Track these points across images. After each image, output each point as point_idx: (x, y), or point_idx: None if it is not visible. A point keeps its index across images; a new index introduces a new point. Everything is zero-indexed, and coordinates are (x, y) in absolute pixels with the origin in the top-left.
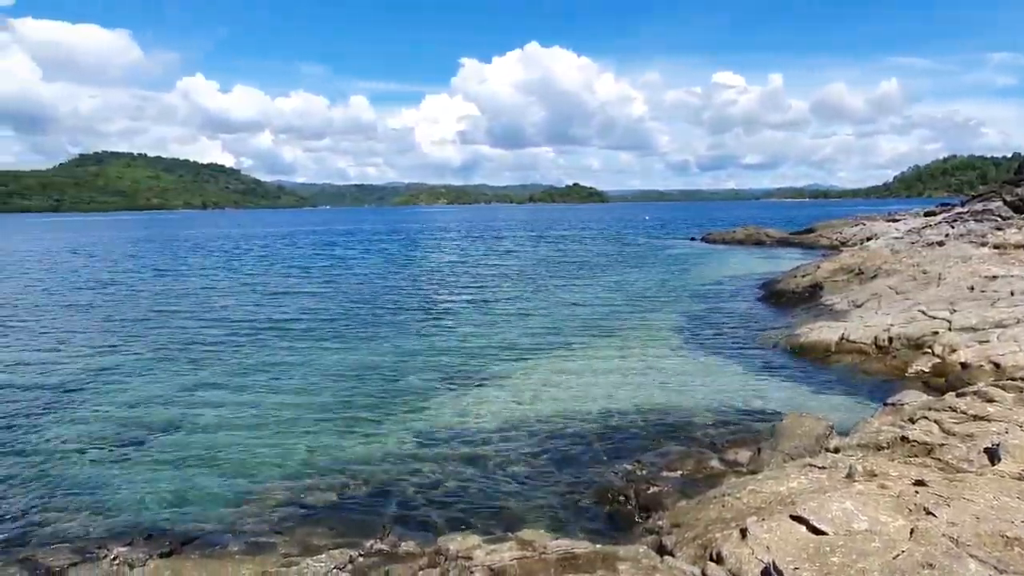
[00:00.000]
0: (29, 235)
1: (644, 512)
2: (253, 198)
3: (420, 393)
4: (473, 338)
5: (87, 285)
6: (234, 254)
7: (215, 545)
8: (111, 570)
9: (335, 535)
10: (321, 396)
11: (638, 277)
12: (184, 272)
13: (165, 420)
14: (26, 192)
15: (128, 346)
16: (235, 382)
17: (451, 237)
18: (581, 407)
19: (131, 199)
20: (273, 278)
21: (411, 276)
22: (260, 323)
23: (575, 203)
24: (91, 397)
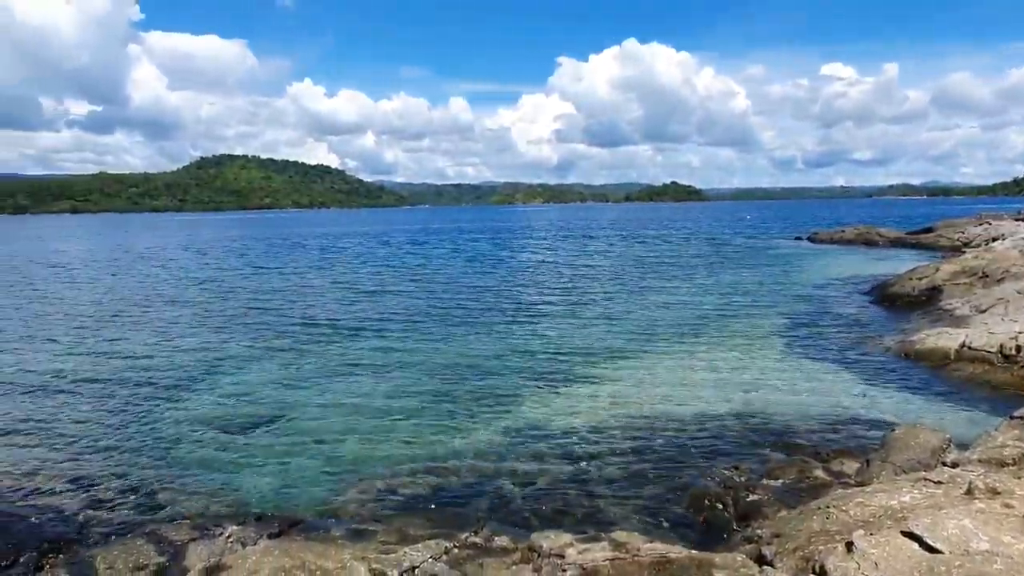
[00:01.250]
0: (157, 232)
1: (742, 520)
2: (356, 197)
3: (514, 390)
4: (566, 337)
5: (203, 281)
6: (336, 252)
7: (318, 529)
8: (226, 547)
9: (431, 526)
10: (417, 391)
11: (737, 278)
12: (291, 269)
13: (272, 409)
14: (154, 193)
15: (239, 339)
16: (336, 375)
17: (545, 236)
18: (676, 410)
19: (245, 199)
20: (372, 276)
21: (504, 275)
22: (360, 319)
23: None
24: (206, 386)
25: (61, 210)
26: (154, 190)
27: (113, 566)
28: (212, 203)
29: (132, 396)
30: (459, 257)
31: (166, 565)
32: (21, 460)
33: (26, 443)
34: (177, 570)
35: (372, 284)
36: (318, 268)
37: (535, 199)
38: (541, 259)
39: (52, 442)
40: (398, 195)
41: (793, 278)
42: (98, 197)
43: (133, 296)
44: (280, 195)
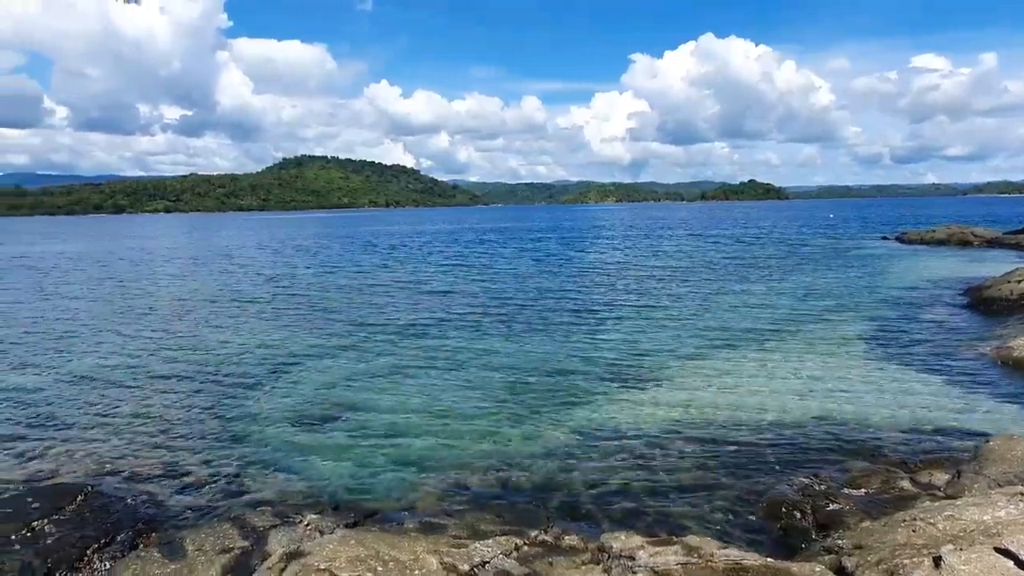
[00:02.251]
0: (242, 231)
1: (822, 530)
2: (431, 197)
3: (585, 390)
4: (637, 339)
5: (281, 278)
6: (408, 251)
7: (392, 521)
8: (304, 534)
9: (501, 522)
10: (487, 389)
11: (818, 280)
12: (365, 268)
13: (348, 403)
14: (240, 193)
15: (316, 335)
16: (408, 372)
17: (615, 236)
18: (752, 414)
19: (324, 198)
20: (442, 275)
21: (573, 275)
22: (430, 318)
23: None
24: (285, 380)
25: (155, 210)
26: (240, 190)
27: (201, 548)
28: (293, 203)
29: (217, 388)
30: (528, 256)
31: (249, 549)
32: (117, 446)
33: (121, 430)
34: (259, 554)
35: (442, 283)
36: (390, 267)
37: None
38: (610, 259)
39: (145, 430)
40: (471, 194)
41: (879, 280)
42: (189, 197)
43: (219, 292)
44: (358, 194)
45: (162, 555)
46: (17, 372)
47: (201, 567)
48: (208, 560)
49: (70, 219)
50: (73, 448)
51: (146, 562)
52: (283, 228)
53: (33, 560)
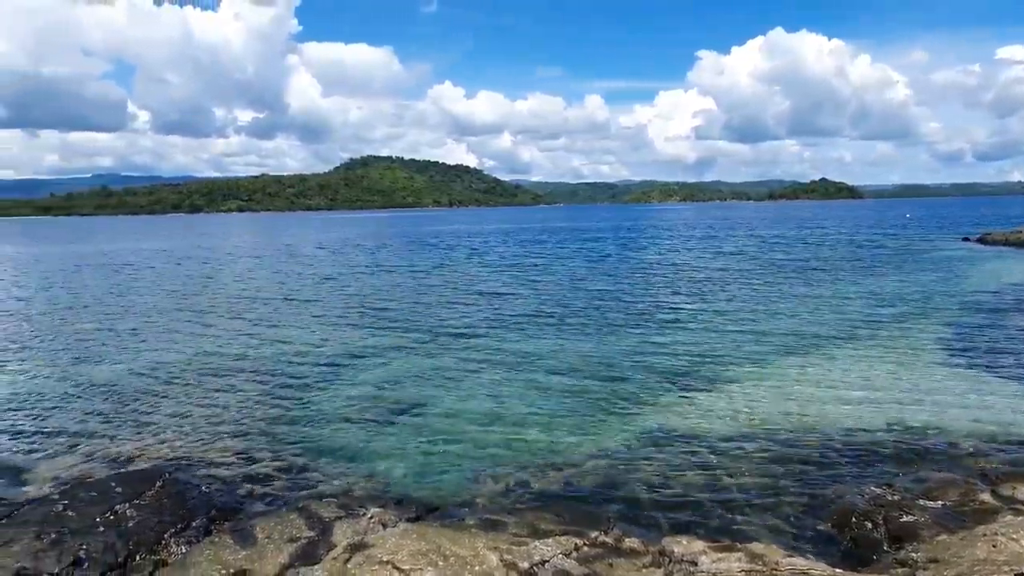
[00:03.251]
0: (313, 230)
1: (895, 542)
2: (493, 196)
3: (647, 392)
4: (701, 341)
5: (348, 275)
6: (475, 251)
7: (453, 517)
8: (368, 526)
9: (561, 522)
10: (551, 389)
11: (894, 283)
12: (431, 266)
13: (411, 400)
14: (308, 193)
15: (381, 333)
16: (471, 371)
17: (679, 235)
18: (821, 420)
19: (389, 198)
20: (503, 274)
21: (634, 275)
22: (495, 317)
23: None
24: (351, 375)
25: (229, 209)
26: (308, 190)
27: (270, 536)
28: (359, 202)
29: (285, 382)
30: (587, 257)
31: (315, 539)
32: (192, 436)
33: (195, 421)
34: (325, 545)
35: (502, 283)
36: (450, 266)
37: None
38: (671, 260)
39: (217, 421)
40: (533, 194)
41: (958, 284)
42: (260, 197)
43: (286, 290)
44: (422, 194)
45: (234, 542)
46: (100, 364)
47: (270, 555)
48: (277, 548)
49: (151, 218)
50: (151, 437)
51: (219, 548)
52: (349, 227)
53: (116, 542)
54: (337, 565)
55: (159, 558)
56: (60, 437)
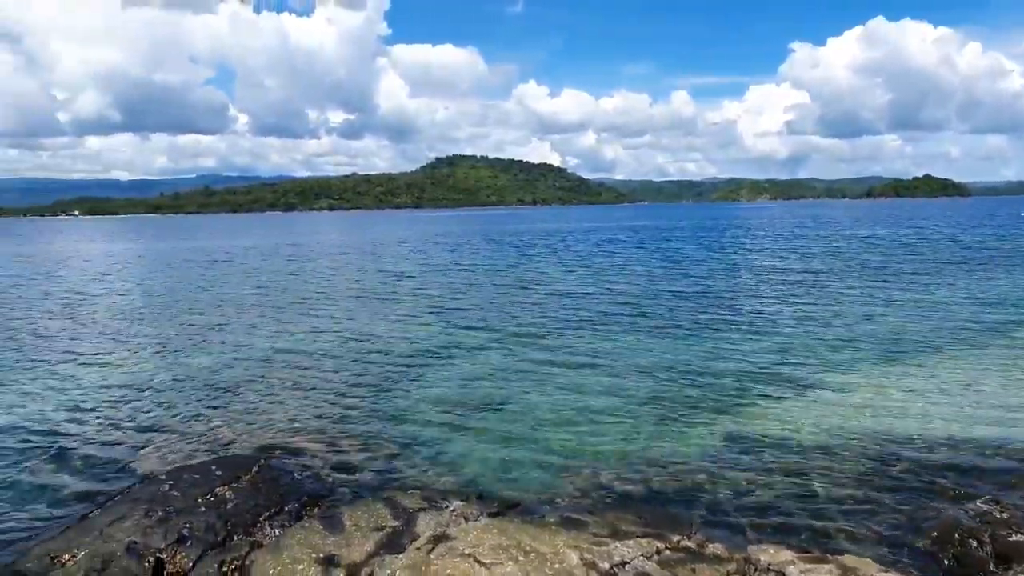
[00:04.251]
0: (400, 227)
1: (1002, 561)
2: (576, 195)
3: (734, 396)
4: (791, 344)
5: (434, 273)
6: (557, 248)
7: (534, 514)
8: (450, 519)
9: (643, 524)
10: (634, 388)
11: (1004, 286)
12: (513, 264)
13: (495, 396)
14: (396, 191)
15: (462, 329)
16: (553, 369)
17: (768, 235)
18: (920, 431)
19: (473, 196)
20: (587, 273)
21: (720, 275)
22: (577, 316)
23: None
24: (435, 371)
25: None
26: (395, 189)
27: (357, 524)
28: (445, 200)
29: (372, 376)
30: (671, 256)
31: (400, 529)
32: (285, 425)
33: (288, 411)
34: (409, 535)
35: (583, 282)
36: (533, 265)
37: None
38: (759, 261)
39: (309, 411)
40: (617, 192)
41: None
42: (351, 196)
43: (373, 285)
44: (506, 192)
45: (323, 528)
46: (201, 355)
47: (357, 542)
48: (364, 536)
49: (248, 216)
50: (247, 425)
51: (310, 532)
52: (434, 225)
53: (216, 522)
54: (420, 555)
55: (254, 539)
56: (166, 422)
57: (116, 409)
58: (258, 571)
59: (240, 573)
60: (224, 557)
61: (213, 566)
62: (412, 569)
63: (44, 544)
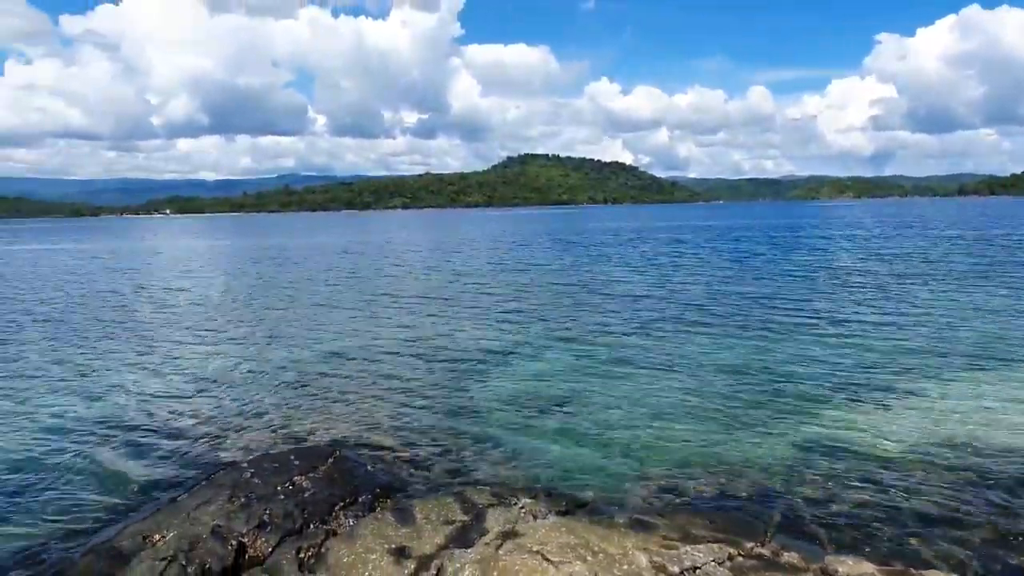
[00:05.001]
0: (471, 225)
1: None
2: (648, 193)
3: (813, 401)
4: (873, 348)
5: (503, 272)
6: (628, 247)
7: (602, 514)
8: (519, 516)
9: (714, 529)
10: (708, 391)
11: None
12: (584, 262)
13: (564, 394)
14: (468, 190)
15: (533, 328)
16: (625, 369)
17: (849, 234)
18: (1016, 443)
19: (544, 195)
20: (657, 272)
21: (797, 277)
22: (647, 316)
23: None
24: (505, 369)
25: (394, 206)
26: (467, 188)
27: (428, 517)
28: (516, 199)
29: (443, 372)
30: (747, 256)
31: (469, 524)
32: (359, 418)
33: (363, 405)
34: (478, 530)
35: (654, 282)
36: (605, 264)
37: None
38: (838, 261)
39: (382, 405)
40: (691, 191)
41: None
42: (424, 194)
43: (445, 284)
44: (576, 191)
45: (395, 519)
46: (280, 349)
47: (427, 535)
48: (434, 529)
49: (326, 214)
50: (324, 417)
51: (382, 524)
52: (504, 224)
53: (294, 510)
54: (489, 551)
55: (330, 528)
56: (247, 413)
57: (201, 400)
58: (333, 558)
59: (316, 560)
60: (302, 544)
61: (291, 552)
62: (481, 564)
63: (137, 524)
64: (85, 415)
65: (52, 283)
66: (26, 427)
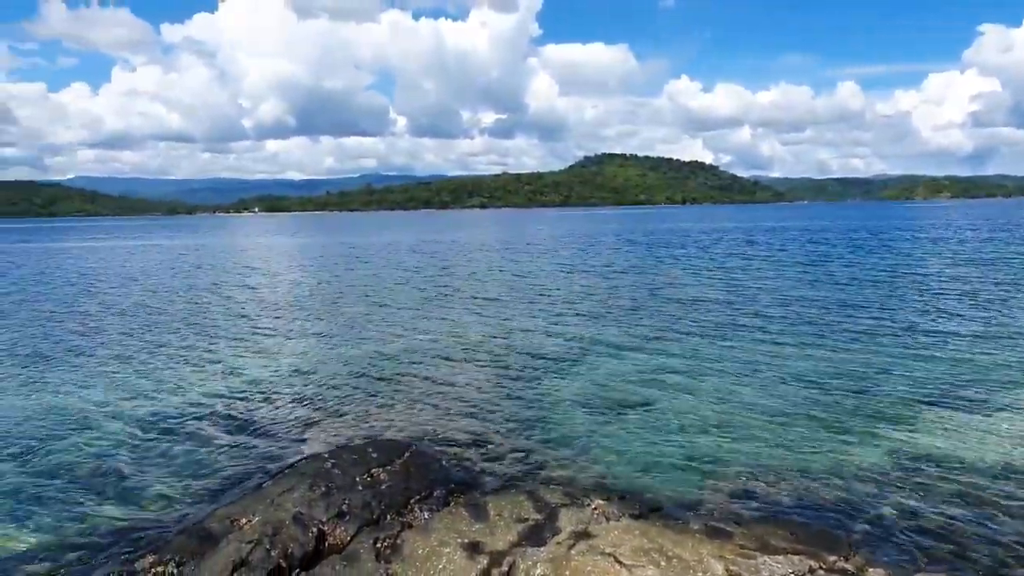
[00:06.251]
0: (547, 225)
1: None
2: (729, 193)
3: (902, 410)
4: (968, 358)
5: (579, 271)
6: (706, 247)
7: (677, 519)
8: (592, 517)
9: (794, 540)
10: (785, 396)
11: None
12: (658, 263)
13: (640, 396)
14: (544, 190)
15: (608, 328)
16: (702, 371)
17: (944, 236)
18: None
19: (621, 195)
20: (737, 273)
21: (886, 280)
22: (726, 318)
23: None
24: (580, 368)
25: (472, 205)
26: (544, 188)
27: (501, 514)
28: (592, 199)
29: (519, 370)
30: (832, 258)
31: (542, 522)
32: (435, 414)
33: (438, 401)
34: (550, 529)
35: (733, 283)
36: (680, 265)
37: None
38: (930, 267)
39: (457, 401)
40: (774, 191)
41: None
42: (501, 194)
43: (520, 282)
44: (654, 191)
45: (469, 515)
46: (360, 344)
47: (500, 531)
48: (507, 526)
49: (405, 213)
50: (400, 412)
51: (456, 519)
52: (579, 223)
53: (371, 501)
54: (561, 550)
55: (405, 520)
56: (328, 406)
57: (284, 392)
58: (409, 550)
59: (392, 551)
60: (378, 534)
61: (368, 542)
62: (553, 563)
63: (225, 508)
64: (177, 405)
65: (150, 277)
66: (124, 416)
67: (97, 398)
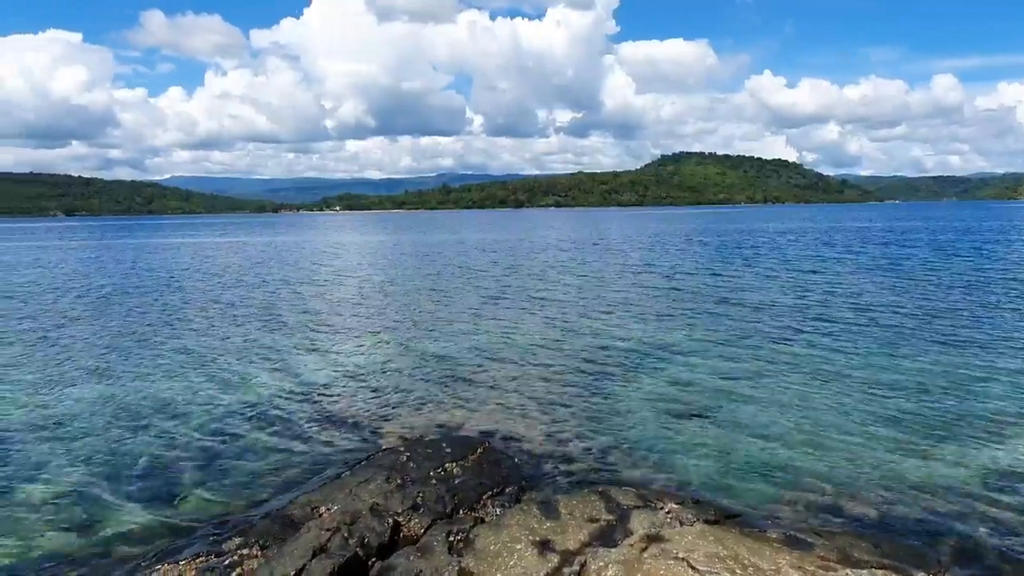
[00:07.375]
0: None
1: None
2: (814, 193)
3: (994, 422)
4: None
5: (653, 273)
6: (790, 250)
7: (754, 527)
8: (664, 520)
9: (878, 554)
10: (869, 405)
11: None
12: (737, 267)
13: (715, 399)
14: (620, 189)
15: (684, 330)
16: (780, 375)
17: None
18: None
19: (699, 194)
20: (819, 276)
21: (980, 285)
22: (808, 323)
23: None
24: (655, 370)
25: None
26: (620, 187)
27: (572, 513)
28: (668, 198)
29: (592, 370)
30: (921, 262)
31: (613, 523)
32: (507, 412)
33: (510, 399)
34: (622, 531)
35: (814, 287)
36: (758, 268)
37: None
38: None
39: (530, 400)
40: (862, 189)
41: None
42: (576, 193)
43: (595, 282)
44: (734, 190)
45: (540, 512)
46: (435, 340)
47: (571, 530)
48: (578, 525)
49: (481, 212)
50: (473, 409)
51: (527, 516)
52: (654, 223)
53: (445, 495)
54: (633, 552)
55: (478, 515)
56: (403, 401)
57: (362, 387)
58: (481, 545)
59: (465, 545)
60: (451, 528)
61: (442, 535)
62: (624, 565)
63: (307, 495)
64: (260, 397)
65: (234, 274)
66: (212, 406)
67: (188, 388)
